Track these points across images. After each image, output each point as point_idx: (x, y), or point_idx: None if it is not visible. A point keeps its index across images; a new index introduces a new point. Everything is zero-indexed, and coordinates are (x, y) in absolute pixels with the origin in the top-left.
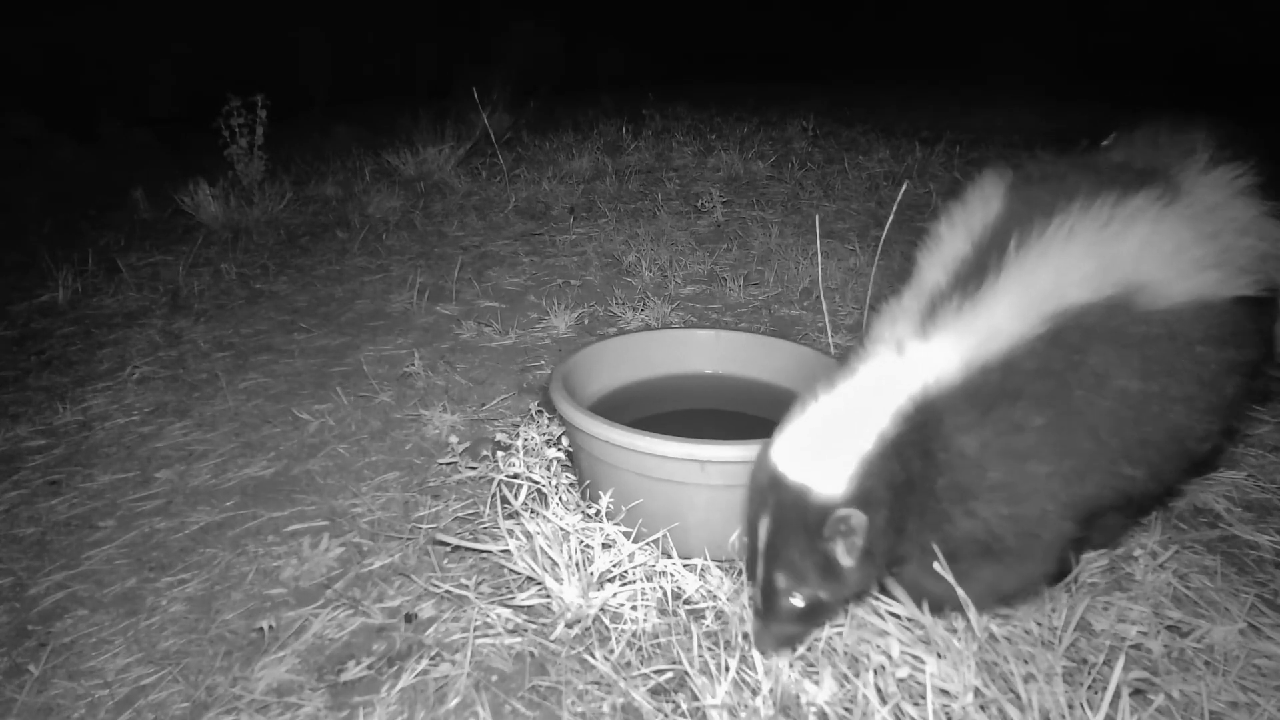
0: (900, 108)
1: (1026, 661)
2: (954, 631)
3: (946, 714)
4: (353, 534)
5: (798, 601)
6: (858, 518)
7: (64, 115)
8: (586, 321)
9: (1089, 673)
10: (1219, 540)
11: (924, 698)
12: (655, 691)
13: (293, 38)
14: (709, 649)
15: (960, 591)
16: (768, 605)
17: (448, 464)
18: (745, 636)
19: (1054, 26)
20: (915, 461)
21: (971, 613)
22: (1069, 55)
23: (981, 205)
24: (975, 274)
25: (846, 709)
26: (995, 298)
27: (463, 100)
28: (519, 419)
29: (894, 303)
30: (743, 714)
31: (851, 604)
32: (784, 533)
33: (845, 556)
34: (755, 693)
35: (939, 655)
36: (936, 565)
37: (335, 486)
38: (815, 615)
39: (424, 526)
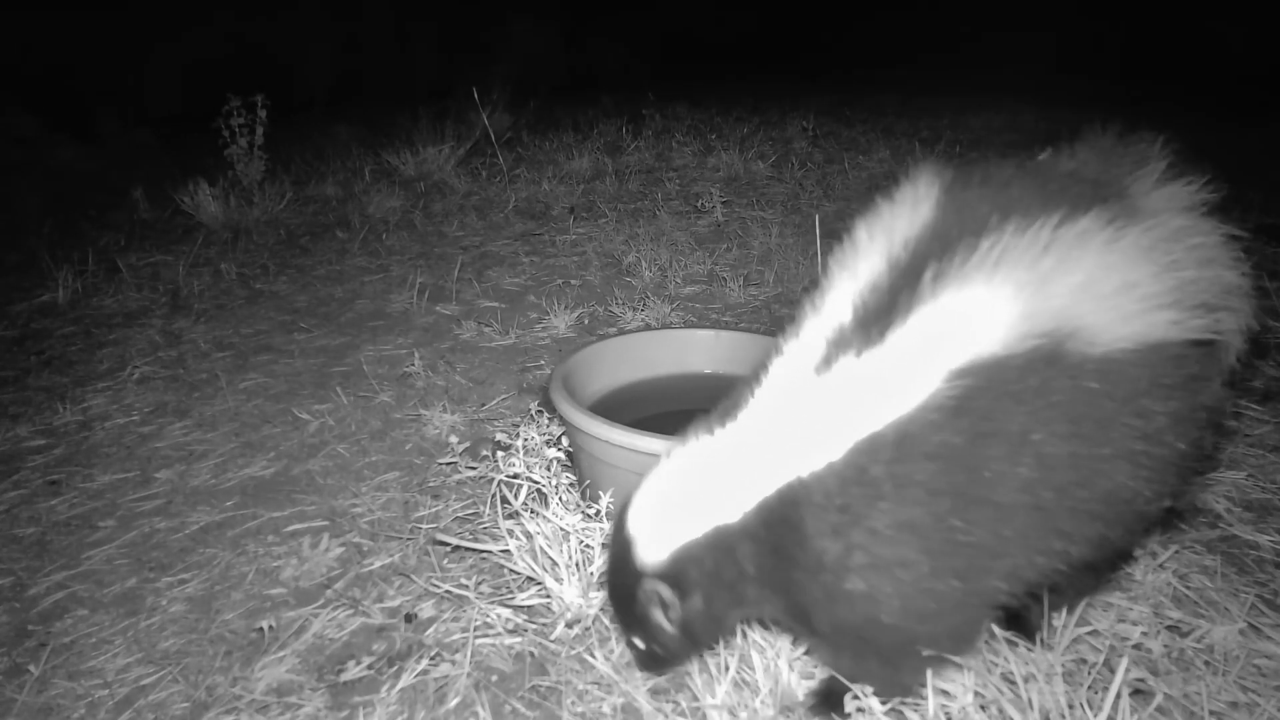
0: (900, 108)
1: (1027, 662)
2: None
3: (946, 714)
4: (353, 534)
5: (639, 644)
6: (667, 594)
7: (64, 115)
8: (586, 321)
9: (1089, 673)
10: (1219, 540)
11: (924, 698)
12: (655, 691)
13: (293, 38)
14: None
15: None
16: (624, 637)
17: (448, 464)
18: (744, 636)
19: (1054, 26)
20: (761, 557)
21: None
22: (1070, 55)
23: (909, 210)
24: (882, 312)
25: (846, 710)
26: (896, 350)
27: (463, 100)
28: (519, 419)
29: (795, 328)
30: (743, 714)
31: (693, 656)
32: (614, 577)
33: (664, 622)
34: (755, 693)
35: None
36: (819, 654)
37: (335, 486)
38: (659, 660)
39: (424, 526)
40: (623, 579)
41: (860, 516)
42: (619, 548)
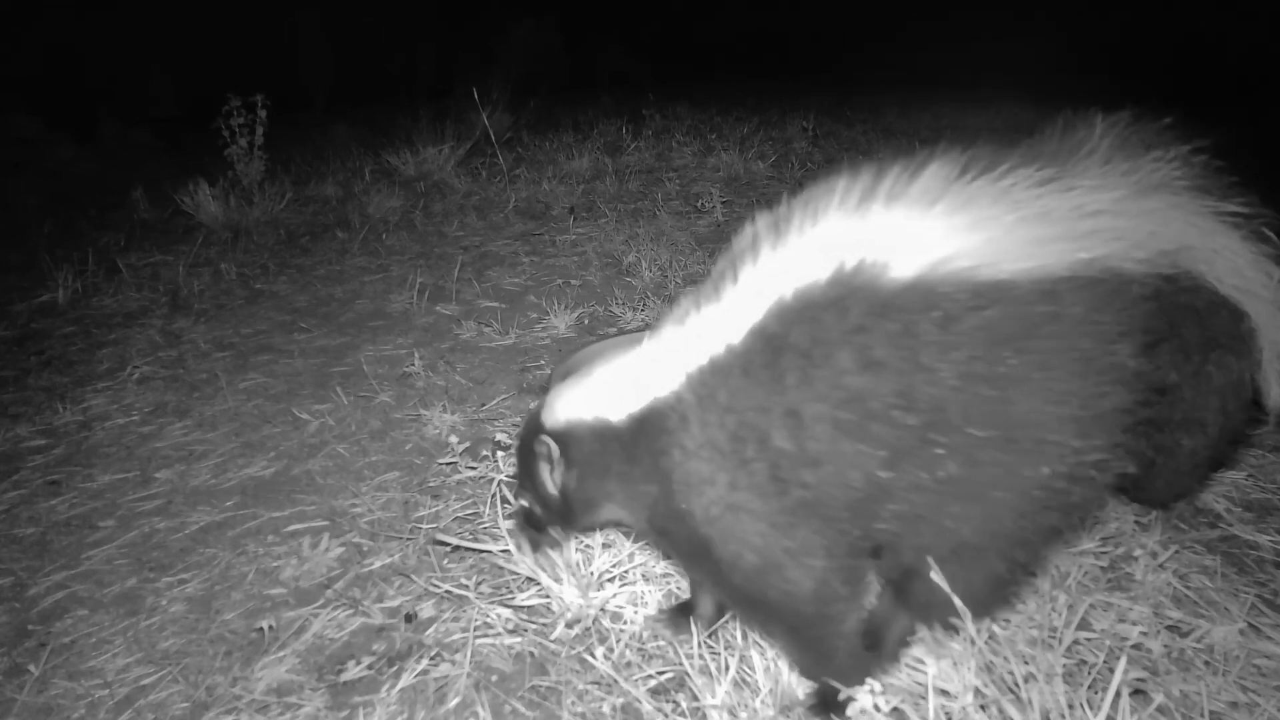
0: (900, 108)
1: (1027, 661)
2: (955, 633)
3: (946, 714)
4: (353, 534)
5: (523, 501)
6: (555, 452)
7: (64, 115)
8: (586, 321)
9: (1089, 673)
10: (1219, 540)
11: (924, 698)
12: (655, 692)
13: (293, 38)
14: (709, 649)
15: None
16: (515, 497)
17: (448, 464)
18: (744, 636)
19: (1055, 26)
20: (626, 458)
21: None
22: (1070, 54)
23: (830, 185)
24: (734, 264)
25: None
26: (744, 285)
27: (463, 100)
28: (519, 419)
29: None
30: (743, 714)
31: (567, 534)
32: (523, 430)
33: (549, 481)
34: (755, 693)
35: (938, 656)
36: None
37: (335, 486)
38: (537, 524)
39: (424, 526)
40: (528, 431)
41: (691, 433)
42: (537, 407)
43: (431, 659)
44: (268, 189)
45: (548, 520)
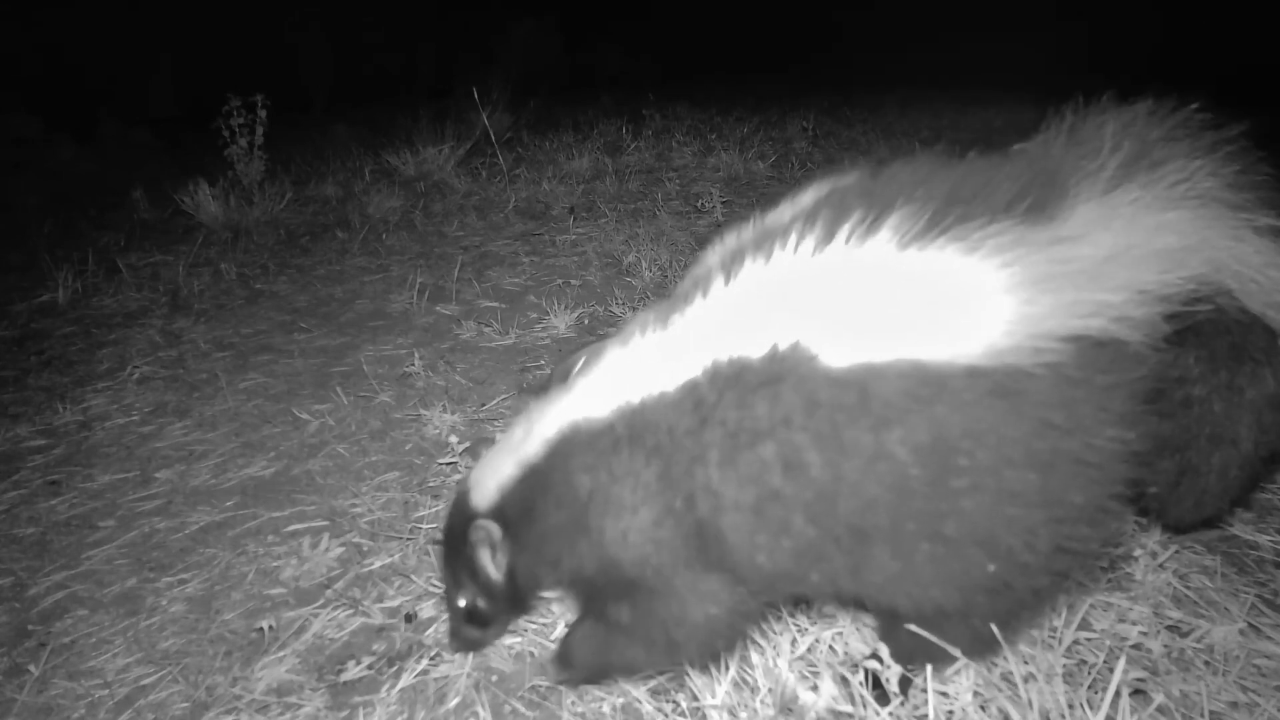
0: (900, 108)
1: (1026, 661)
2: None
3: (947, 714)
4: (353, 534)
5: (461, 603)
6: (494, 530)
7: (64, 115)
8: (586, 321)
9: (1089, 673)
10: (1219, 540)
11: (925, 699)
12: (655, 692)
13: (293, 38)
14: None
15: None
16: (448, 603)
17: (448, 464)
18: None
19: (1054, 25)
20: (552, 495)
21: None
22: (1069, 54)
23: (790, 205)
24: (689, 293)
25: (847, 712)
26: (669, 330)
27: (463, 100)
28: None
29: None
30: (743, 714)
31: (514, 617)
32: (448, 532)
33: (491, 568)
34: (755, 693)
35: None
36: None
37: (335, 486)
38: (482, 620)
39: (424, 526)
40: (457, 522)
41: (621, 460)
42: (456, 498)
43: (431, 659)
44: (268, 189)
45: (495, 612)
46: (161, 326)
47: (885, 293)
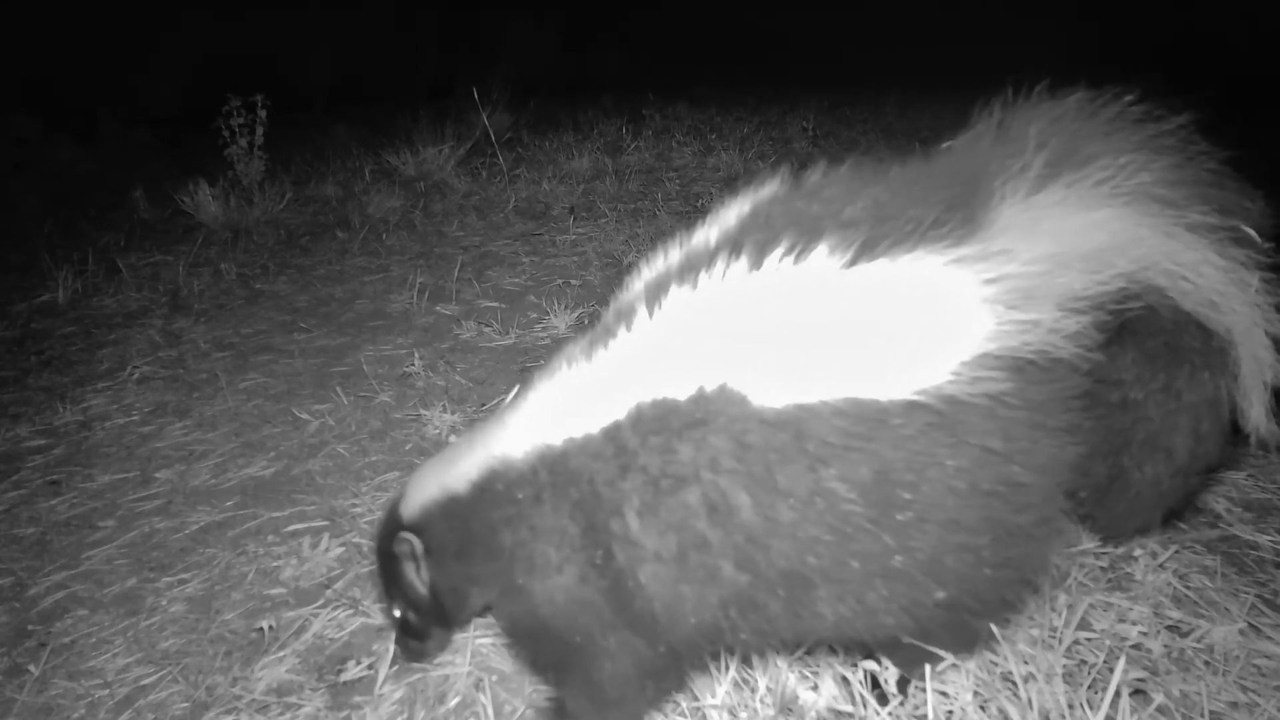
0: (900, 108)
1: (1026, 661)
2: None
3: (947, 714)
4: (353, 534)
5: (395, 613)
6: (418, 546)
7: (64, 115)
8: (586, 321)
9: (1089, 673)
10: (1219, 540)
11: (924, 699)
12: None
13: (293, 38)
14: None
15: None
16: (388, 612)
17: None
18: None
19: (1054, 25)
20: (476, 541)
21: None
22: (1070, 54)
23: (714, 225)
24: (613, 325)
25: (847, 712)
26: (593, 366)
27: (463, 100)
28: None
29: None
30: (743, 714)
31: (448, 630)
32: (378, 538)
33: (416, 582)
34: (755, 692)
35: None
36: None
37: (335, 486)
38: (416, 633)
39: None
40: (385, 531)
41: (543, 514)
42: (390, 504)
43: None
44: (268, 189)
45: (426, 625)
46: (161, 326)
47: (817, 326)
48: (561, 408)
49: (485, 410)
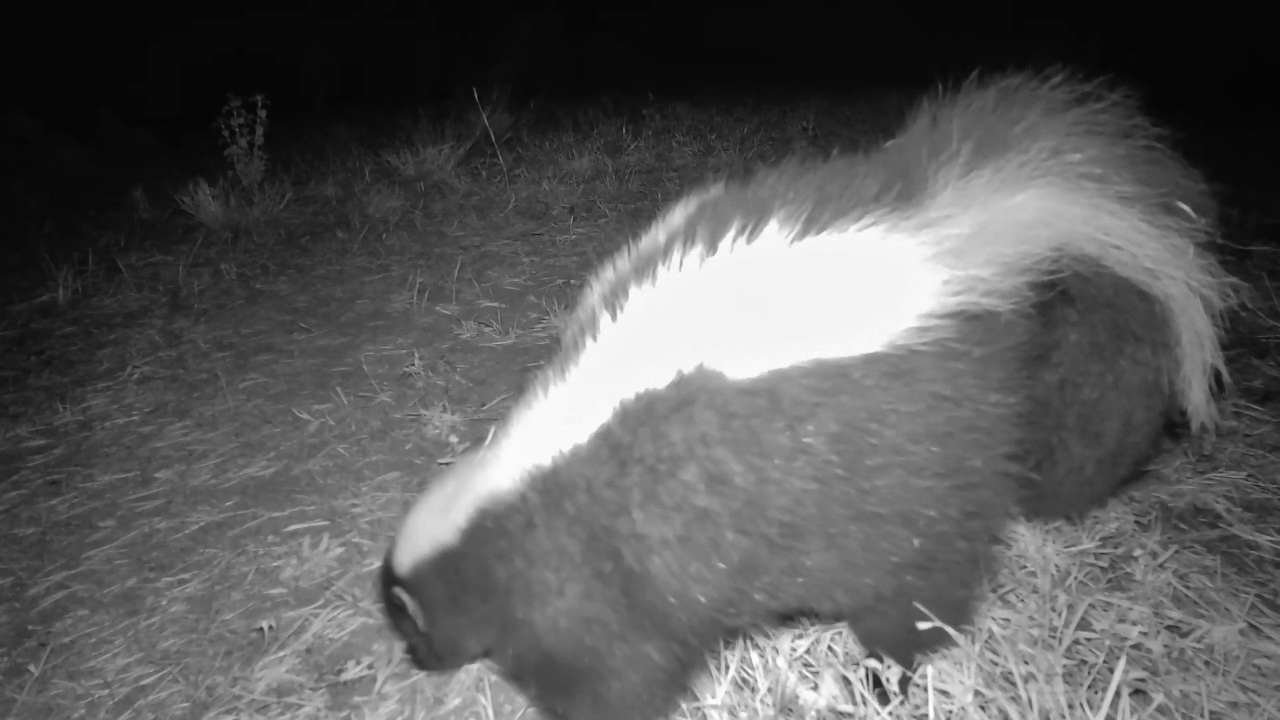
0: (900, 108)
1: (1026, 661)
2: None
3: (947, 714)
4: (353, 534)
5: (403, 640)
6: (410, 604)
7: (64, 116)
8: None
9: (1089, 673)
10: (1219, 540)
11: (925, 699)
12: None
13: (293, 38)
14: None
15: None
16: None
17: (448, 464)
18: (745, 636)
19: (1054, 25)
20: (471, 589)
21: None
22: (1069, 54)
23: (662, 227)
24: (578, 339)
25: (847, 711)
26: (568, 382)
27: (463, 100)
28: None
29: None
30: (743, 714)
31: (445, 669)
32: (380, 581)
33: (413, 628)
34: (755, 692)
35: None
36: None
37: (335, 486)
38: (421, 661)
39: None
40: (384, 581)
41: (536, 539)
42: (393, 544)
43: None
44: (268, 189)
45: (429, 659)
46: (161, 326)
47: (776, 296)
48: (544, 429)
49: (485, 410)
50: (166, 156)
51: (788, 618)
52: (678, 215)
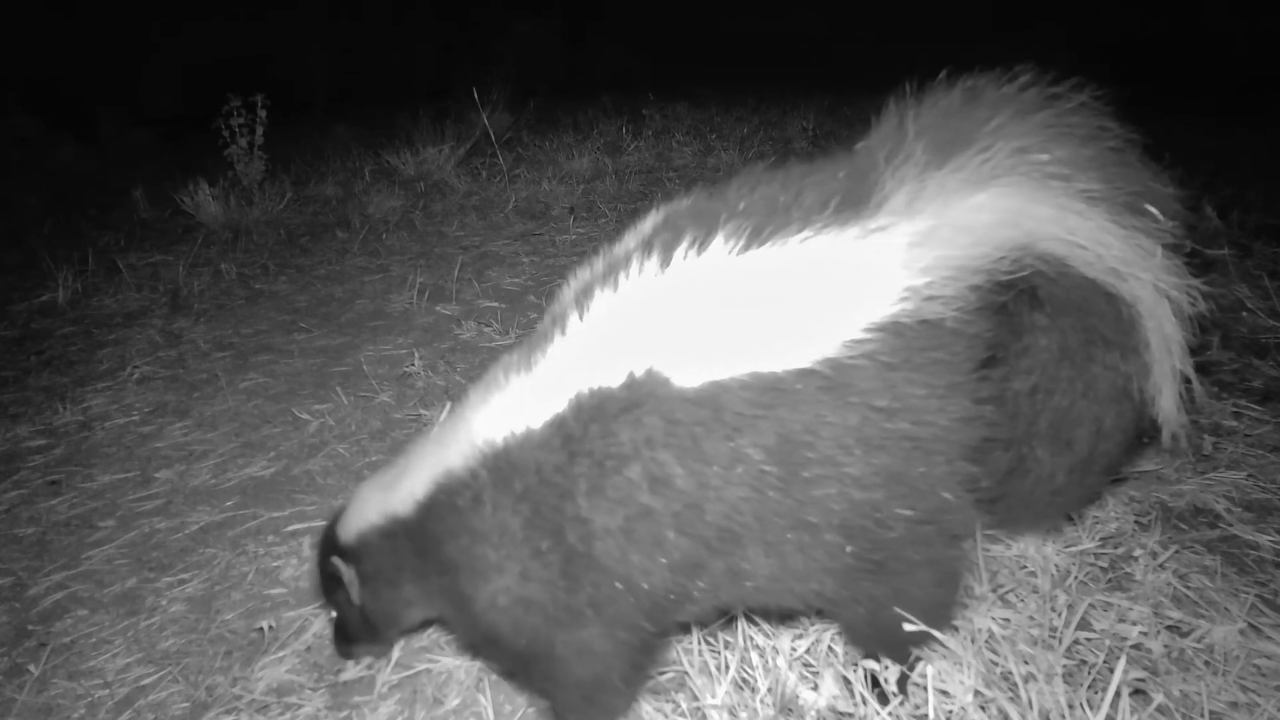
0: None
1: (1026, 661)
2: (955, 632)
3: (947, 714)
4: None
5: (332, 612)
6: (348, 574)
7: (64, 116)
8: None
9: (1089, 673)
10: (1219, 540)
11: (925, 699)
12: (655, 692)
13: (293, 38)
14: (709, 649)
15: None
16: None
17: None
18: (744, 636)
19: (1053, 26)
20: (418, 544)
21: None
22: (1068, 55)
23: (633, 233)
24: (549, 331)
25: (847, 711)
26: (533, 372)
27: (463, 100)
28: None
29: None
30: (743, 714)
31: (375, 642)
32: (317, 549)
33: (346, 601)
34: (755, 692)
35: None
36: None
37: (335, 486)
38: (346, 636)
39: None
40: (322, 549)
41: (482, 515)
42: (333, 515)
43: (432, 659)
44: (268, 189)
45: (357, 634)
46: (161, 326)
47: (719, 309)
48: (502, 409)
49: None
50: (166, 156)
51: (787, 617)
52: (647, 223)
